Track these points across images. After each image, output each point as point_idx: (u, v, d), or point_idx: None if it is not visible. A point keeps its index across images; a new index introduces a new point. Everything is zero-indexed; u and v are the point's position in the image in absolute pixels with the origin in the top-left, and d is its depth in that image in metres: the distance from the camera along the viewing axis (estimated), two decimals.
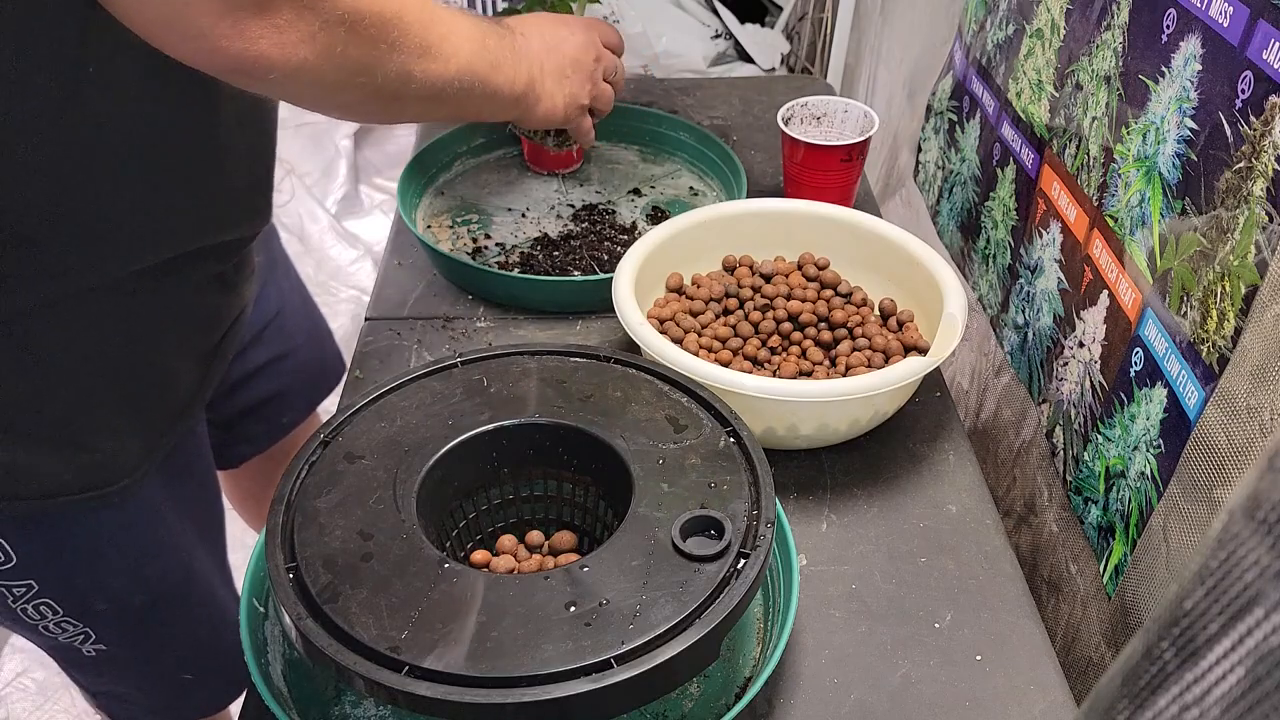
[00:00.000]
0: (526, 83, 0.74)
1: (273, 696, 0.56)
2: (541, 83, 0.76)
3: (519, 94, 0.73)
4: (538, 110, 0.77)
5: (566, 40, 0.79)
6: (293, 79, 0.56)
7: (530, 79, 0.74)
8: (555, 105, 0.78)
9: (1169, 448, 0.64)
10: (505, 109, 0.74)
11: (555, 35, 0.79)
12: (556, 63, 0.78)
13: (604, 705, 0.50)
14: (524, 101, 0.75)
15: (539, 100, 0.76)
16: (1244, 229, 0.56)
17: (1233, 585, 0.24)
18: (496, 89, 0.70)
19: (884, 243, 0.87)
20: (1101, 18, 0.75)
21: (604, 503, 0.65)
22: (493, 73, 0.69)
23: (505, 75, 0.71)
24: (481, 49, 0.67)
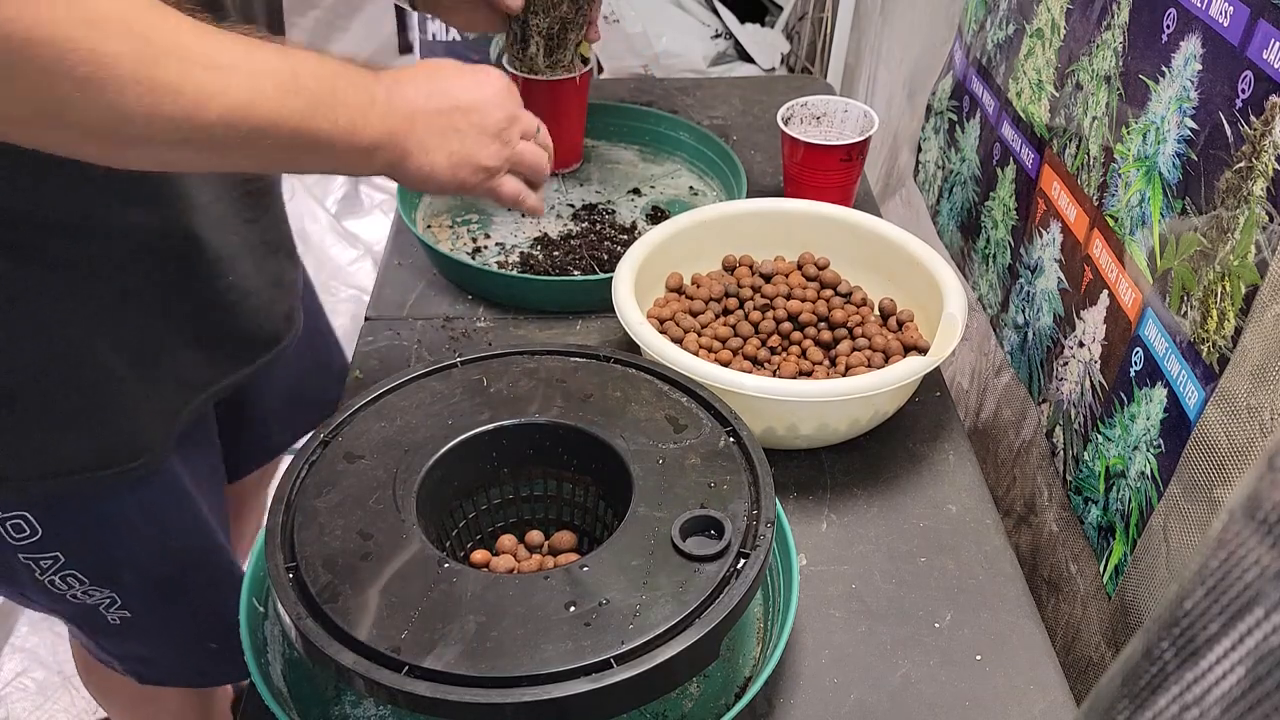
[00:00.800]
0: (385, 133, 0.61)
1: (273, 696, 0.56)
2: (411, 136, 0.63)
3: (369, 145, 0.60)
4: (407, 167, 0.64)
5: (465, 92, 0.66)
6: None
7: (391, 130, 0.62)
8: (434, 164, 0.64)
9: (1169, 447, 0.64)
10: (348, 161, 0.61)
11: (448, 86, 0.66)
12: (442, 116, 0.65)
13: (604, 705, 0.50)
14: (380, 155, 0.62)
15: (407, 155, 0.63)
16: (1244, 229, 0.56)
17: (1233, 585, 0.24)
18: (319, 136, 0.57)
19: (884, 242, 0.87)
20: (1102, 17, 0.75)
21: (604, 503, 0.65)
22: (311, 117, 0.56)
23: (338, 121, 0.58)
24: (287, 89, 0.55)
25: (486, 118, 0.66)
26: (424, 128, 0.63)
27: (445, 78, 0.66)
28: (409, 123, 0.63)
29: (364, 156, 0.61)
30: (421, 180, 0.65)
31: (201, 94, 0.52)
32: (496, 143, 0.67)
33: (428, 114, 0.64)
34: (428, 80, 0.65)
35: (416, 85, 0.64)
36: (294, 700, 0.58)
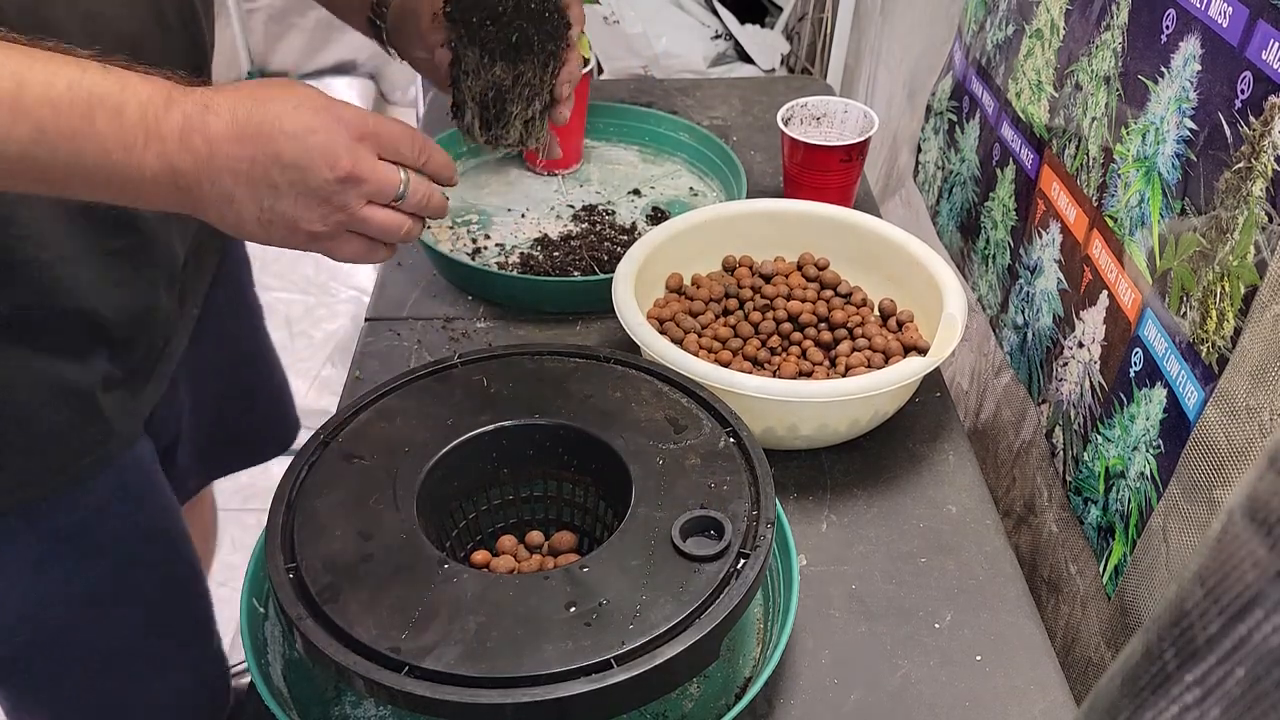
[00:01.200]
0: (168, 170, 0.50)
1: (272, 696, 0.56)
2: (207, 180, 0.51)
3: (147, 178, 0.50)
4: (206, 214, 0.53)
5: (290, 140, 0.52)
6: None
7: (176, 169, 0.50)
8: (241, 217, 0.53)
9: (1168, 448, 0.64)
10: (127, 197, 0.51)
11: (271, 127, 0.52)
12: (254, 165, 0.52)
13: (604, 705, 0.50)
14: (169, 193, 0.51)
15: (202, 202, 0.52)
16: (1243, 229, 0.56)
17: (1233, 586, 0.24)
18: (55, 168, 0.48)
19: (884, 243, 0.87)
20: (1101, 18, 0.75)
21: (604, 503, 0.65)
22: (40, 145, 0.47)
23: (83, 153, 0.48)
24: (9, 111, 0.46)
25: (310, 177, 0.52)
26: (228, 174, 0.51)
27: (272, 116, 0.52)
28: (206, 165, 0.51)
29: (142, 198, 0.52)
30: (230, 229, 0.54)
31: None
32: (323, 207, 0.54)
33: (234, 159, 0.51)
34: (248, 114, 0.51)
35: (233, 118, 0.51)
36: (294, 700, 0.58)
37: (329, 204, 0.54)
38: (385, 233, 0.57)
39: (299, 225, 0.54)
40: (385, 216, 0.56)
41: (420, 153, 0.58)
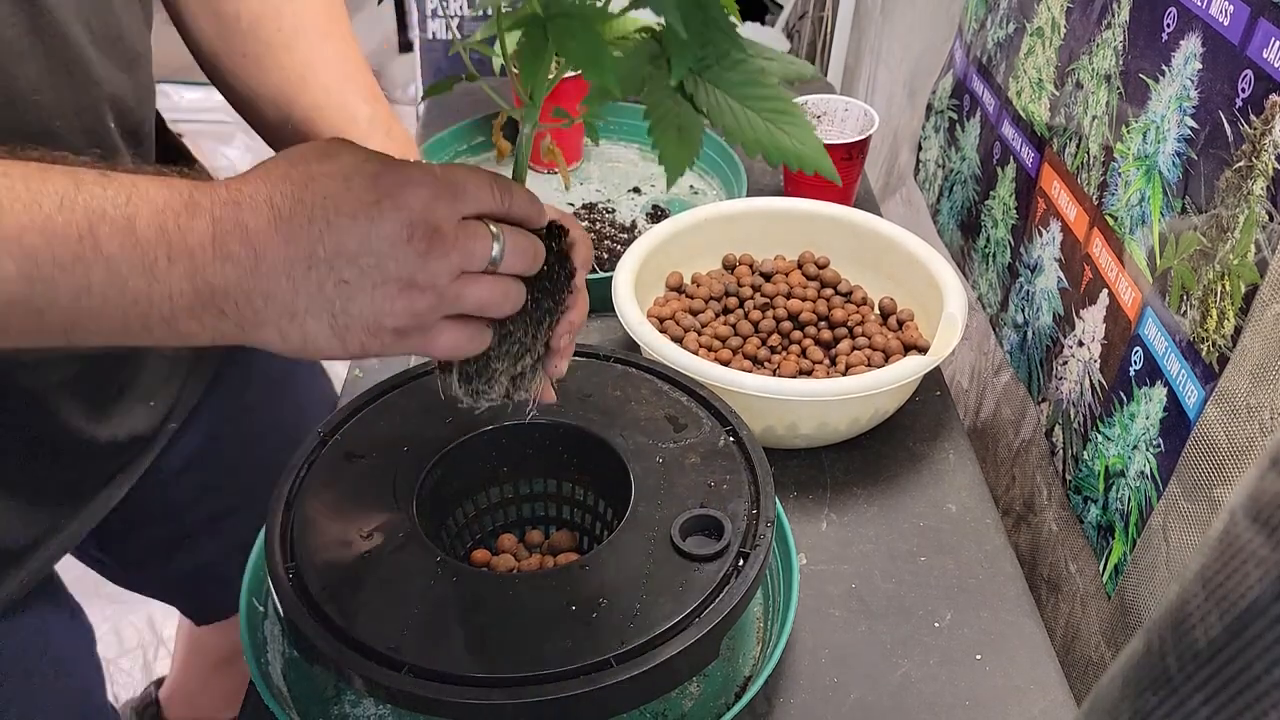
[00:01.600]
0: (199, 296, 0.41)
1: (272, 696, 0.56)
2: (257, 296, 0.41)
3: (167, 316, 0.41)
4: (264, 338, 0.43)
5: (353, 224, 0.41)
6: None
7: (212, 289, 0.41)
8: (309, 334, 0.43)
9: (1169, 447, 0.64)
10: (138, 336, 0.41)
11: (327, 210, 0.41)
12: (313, 266, 0.41)
13: (604, 705, 0.50)
14: (204, 325, 0.42)
15: (257, 325, 0.42)
16: (1244, 228, 0.56)
17: (1234, 585, 0.24)
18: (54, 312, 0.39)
19: (884, 241, 0.87)
20: (1102, 16, 0.75)
21: (604, 502, 0.65)
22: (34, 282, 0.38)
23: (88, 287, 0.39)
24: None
25: (386, 262, 0.42)
26: (284, 282, 0.41)
27: (322, 198, 0.41)
28: (253, 276, 0.41)
29: (161, 329, 0.41)
30: (294, 351, 0.43)
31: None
32: (409, 294, 0.43)
33: (288, 262, 0.41)
34: (293, 201, 0.41)
35: (274, 211, 0.41)
36: (294, 700, 0.58)
37: (415, 288, 0.43)
38: (487, 307, 0.46)
39: (383, 324, 0.43)
40: (483, 287, 0.45)
41: (503, 198, 0.46)
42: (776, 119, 0.40)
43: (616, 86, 0.38)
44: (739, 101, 0.40)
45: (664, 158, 0.40)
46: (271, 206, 0.41)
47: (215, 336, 0.42)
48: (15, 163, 0.39)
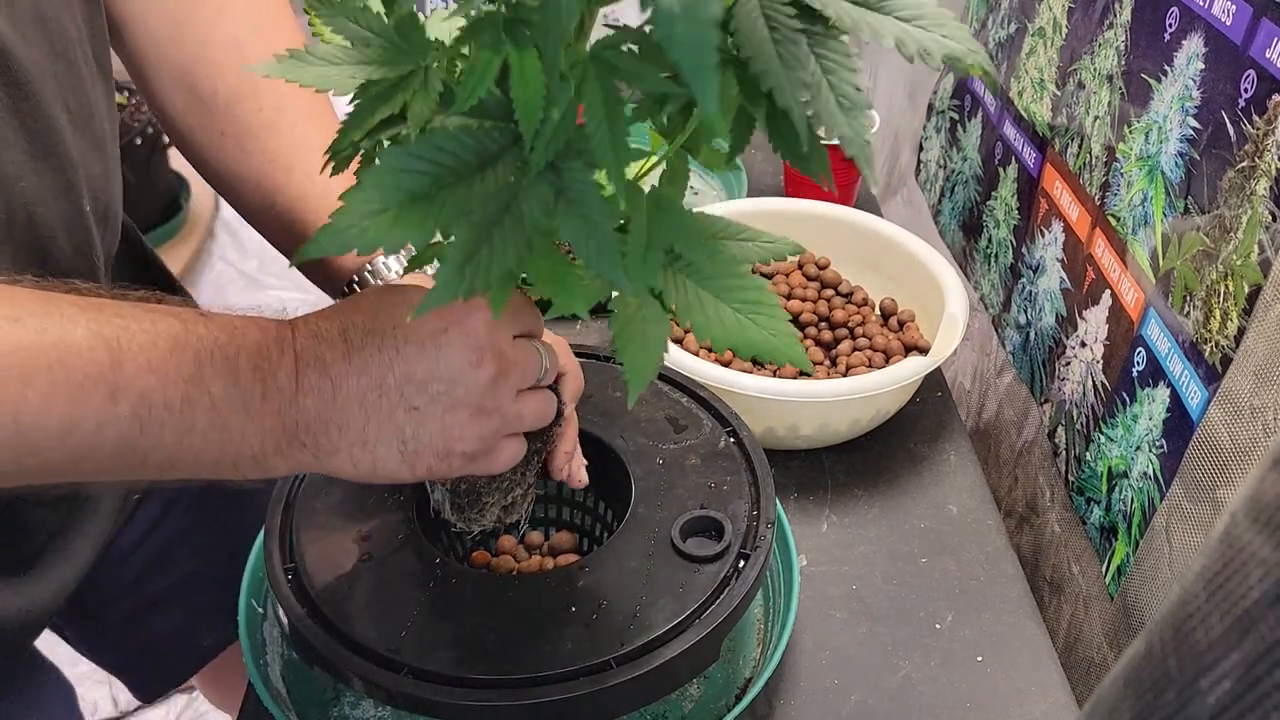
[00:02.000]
0: (284, 433, 0.42)
1: (271, 697, 0.55)
2: (333, 427, 0.42)
3: (255, 454, 0.42)
4: (335, 466, 0.44)
5: (421, 351, 0.43)
6: None
7: (297, 425, 0.42)
8: (379, 460, 0.43)
9: (1172, 448, 0.64)
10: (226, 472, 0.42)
11: (397, 340, 0.43)
12: (385, 393, 0.42)
13: (604, 707, 0.50)
14: (283, 459, 0.43)
15: (331, 453, 0.43)
16: (1247, 228, 0.56)
17: (1236, 587, 0.24)
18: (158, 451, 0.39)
19: (885, 242, 0.87)
20: (1104, 16, 0.75)
21: (604, 503, 0.65)
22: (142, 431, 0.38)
23: (194, 428, 0.39)
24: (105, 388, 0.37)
25: (456, 388, 0.43)
26: (357, 411, 0.42)
27: (390, 329, 0.43)
28: (331, 407, 0.42)
29: (250, 465, 0.42)
30: (363, 477, 0.44)
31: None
32: (478, 416, 0.44)
33: (361, 392, 0.42)
34: (364, 334, 0.43)
35: (348, 344, 0.42)
36: (293, 701, 0.58)
37: (483, 412, 0.44)
38: (540, 420, 0.48)
39: (452, 448, 0.44)
40: (538, 402, 0.48)
41: (539, 318, 0.48)
42: (747, 309, 0.40)
43: (585, 309, 0.38)
44: (711, 293, 0.40)
45: (630, 370, 0.39)
46: (345, 339, 0.42)
47: (294, 467, 0.43)
48: (124, 303, 0.40)
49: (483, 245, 0.33)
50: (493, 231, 0.33)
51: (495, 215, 0.33)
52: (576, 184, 0.34)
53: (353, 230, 0.32)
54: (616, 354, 0.39)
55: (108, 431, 0.38)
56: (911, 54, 0.33)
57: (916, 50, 0.33)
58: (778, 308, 0.41)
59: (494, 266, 0.33)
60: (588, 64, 0.33)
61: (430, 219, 0.32)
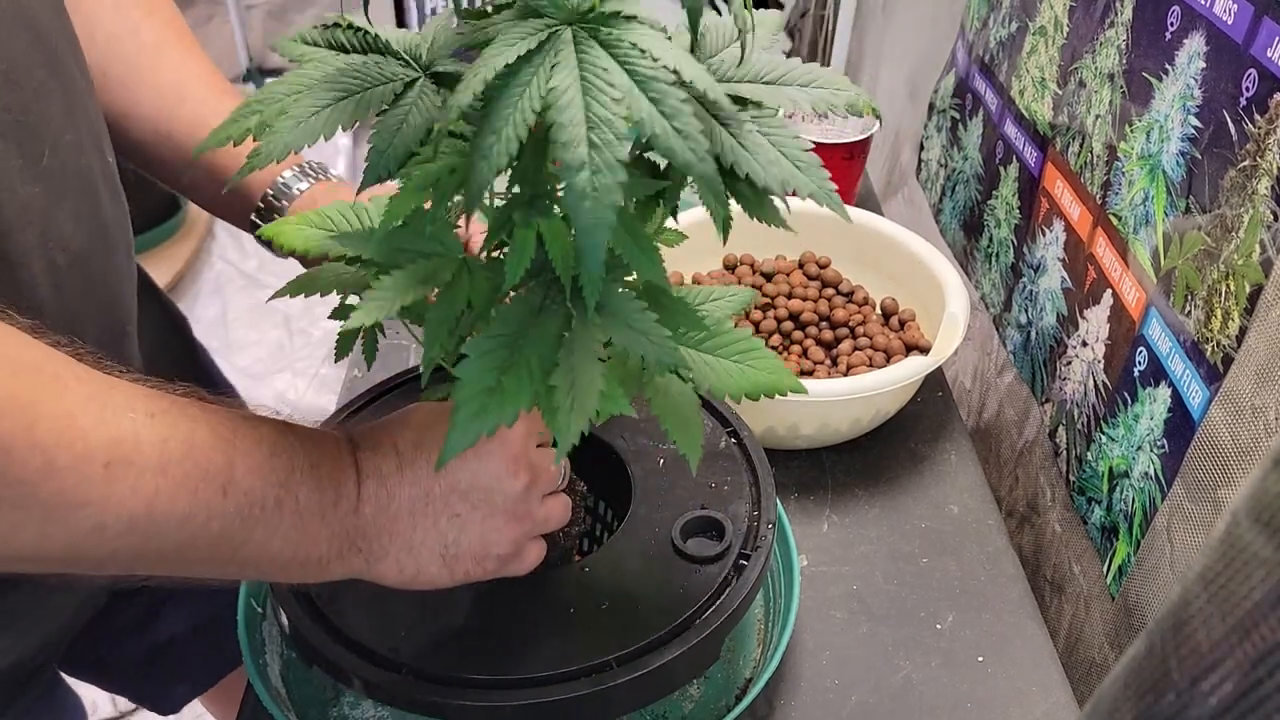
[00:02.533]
0: (346, 540, 0.45)
1: (270, 697, 0.55)
2: (383, 534, 0.46)
3: (322, 557, 0.44)
4: (381, 573, 0.46)
5: (464, 463, 0.47)
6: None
7: (358, 531, 0.45)
8: (421, 566, 0.47)
9: (1173, 448, 0.64)
10: (288, 574, 0.45)
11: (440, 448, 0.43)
12: (431, 504, 0.46)
13: (604, 707, 0.50)
14: (339, 565, 0.45)
15: (380, 559, 0.46)
16: (1249, 227, 0.56)
17: (1237, 587, 0.24)
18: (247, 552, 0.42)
19: (885, 241, 0.87)
20: (1105, 15, 0.75)
21: (604, 503, 0.65)
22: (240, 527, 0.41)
23: (277, 531, 0.42)
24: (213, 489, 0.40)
25: (495, 495, 0.47)
26: (406, 517, 0.46)
27: (438, 440, 0.45)
28: (386, 513, 0.46)
29: (315, 569, 0.45)
30: (405, 582, 0.47)
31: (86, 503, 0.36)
32: (512, 522, 0.48)
33: (412, 500, 0.46)
34: (413, 447, 0.47)
35: (399, 456, 0.46)
36: (292, 702, 0.58)
37: (516, 517, 0.48)
38: (560, 522, 0.52)
39: (488, 552, 0.48)
40: (560, 505, 0.52)
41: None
42: (744, 357, 0.47)
43: (629, 407, 0.44)
44: (711, 354, 0.47)
45: (682, 444, 0.46)
46: (397, 453, 0.46)
47: (347, 571, 0.46)
48: (234, 409, 0.43)
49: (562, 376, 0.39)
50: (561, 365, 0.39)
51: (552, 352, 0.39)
52: (612, 299, 0.40)
53: (475, 423, 0.37)
54: (668, 434, 0.46)
55: (214, 525, 0.40)
56: (823, 110, 0.42)
57: (826, 107, 0.42)
58: (765, 349, 0.48)
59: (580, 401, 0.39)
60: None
61: (526, 384, 0.38)
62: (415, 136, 0.38)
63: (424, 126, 0.38)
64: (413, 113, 0.38)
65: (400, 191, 0.40)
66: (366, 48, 0.41)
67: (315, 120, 0.38)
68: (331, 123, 0.38)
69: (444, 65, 0.39)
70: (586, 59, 0.32)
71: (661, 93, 0.32)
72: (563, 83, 0.31)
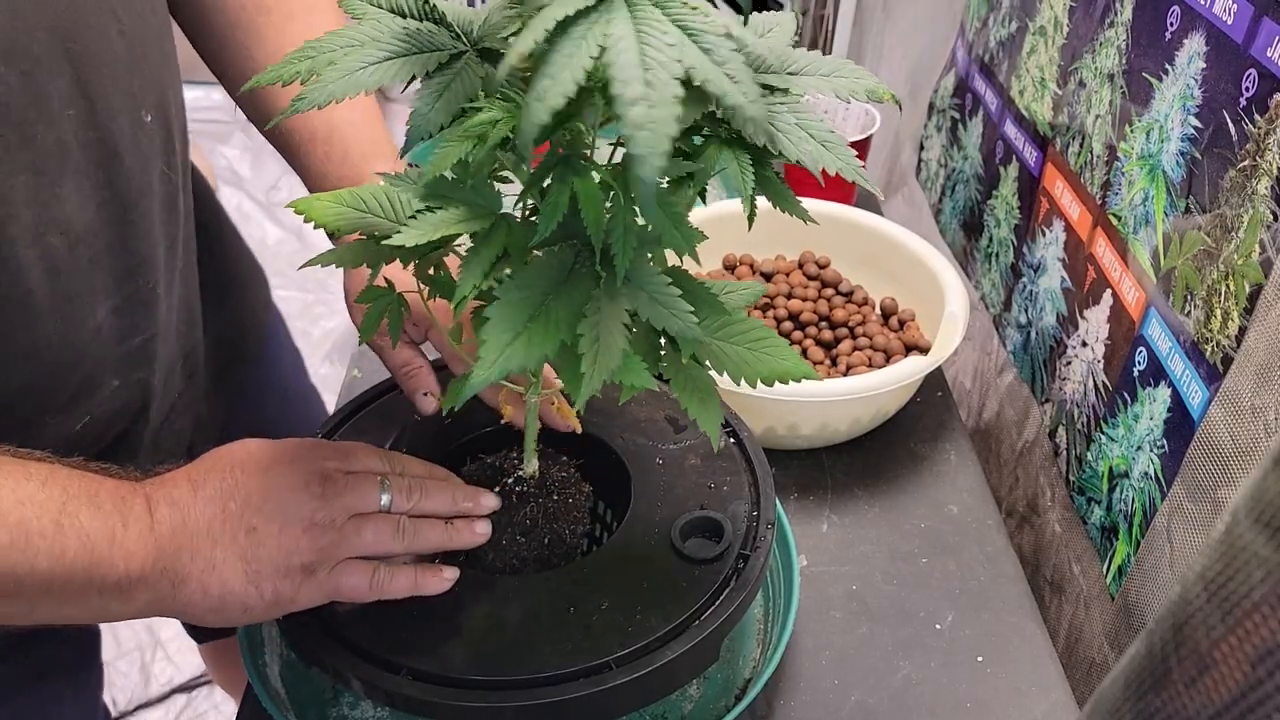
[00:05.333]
0: (146, 560, 0.46)
1: (269, 697, 0.55)
2: (185, 551, 0.47)
3: (122, 579, 0.45)
4: (188, 594, 0.47)
5: (254, 474, 0.49)
6: None
7: (158, 550, 0.46)
8: (226, 580, 0.48)
9: (1173, 448, 0.64)
10: (92, 608, 0.46)
11: (237, 474, 0.49)
12: (228, 517, 0.48)
13: (603, 708, 0.50)
14: (144, 590, 0.46)
15: (184, 580, 0.47)
16: (1248, 227, 0.56)
17: (1236, 587, 0.24)
18: (32, 581, 0.43)
19: (885, 241, 0.87)
20: (1105, 15, 0.75)
21: (604, 503, 0.65)
22: (18, 554, 0.42)
23: (64, 557, 0.43)
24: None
25: (286, 507, 0.49)
26: (205, 538, 0.47)
27: (224, 464, 0.49)
28: (182, 532, 0.47)
29: (118, 597, 0.46)
30: (214, 607, 0.48)
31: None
32: (312, 531, 0.49)
33: (206, 519, 0.48)
34: (204, 472, 0.49)
35: (190, 480, 0.49)
36: (291, 702, 0.58)
37: (315, 527, 0.49)
38: (382, 544, 0.51)
39: (291, 563, 0.48)
40: (374, 525, 0.50)
41: (392, 462, 0.54)
42: (758, 345, 0.49)
43: (652, 381, 0.46)
44: (729, 342, 0.49)
45: (701, 421, 0.47)
46: (189, 480, 0.49)
47: (152, 599, 0.47)
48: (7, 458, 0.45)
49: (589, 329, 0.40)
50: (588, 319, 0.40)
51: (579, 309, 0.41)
52: (640, 271, 0.42)
53: (501, 359, 0.38)
54: (687, 413, 0.47)
55: (23, 571, 0.42)
56: (844, 96, 0.44)
57: (848, 94, 0.44)
58: (778, 337, 0.49)
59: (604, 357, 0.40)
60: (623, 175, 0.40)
61: (552, 333, 0.39)
62: (458, 103, 0.40)
63: (466, 95, 0.40)
64: (457, 81, 0.40)
65: (447, 141, 0.41)
66: (423, 15, 0.43)
67: (361, 75, 0.40)
68: (376, 79, 0.40)
69: (492, 43, 0.42)
70: (640, 14, 0.34)
71: (713, 43, 0.34)
72: (618, 31, 0.33)
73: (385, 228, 0.47)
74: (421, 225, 0.41)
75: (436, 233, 0.41)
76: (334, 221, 0.47)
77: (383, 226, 0.47)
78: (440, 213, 0.42)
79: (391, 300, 0.52)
